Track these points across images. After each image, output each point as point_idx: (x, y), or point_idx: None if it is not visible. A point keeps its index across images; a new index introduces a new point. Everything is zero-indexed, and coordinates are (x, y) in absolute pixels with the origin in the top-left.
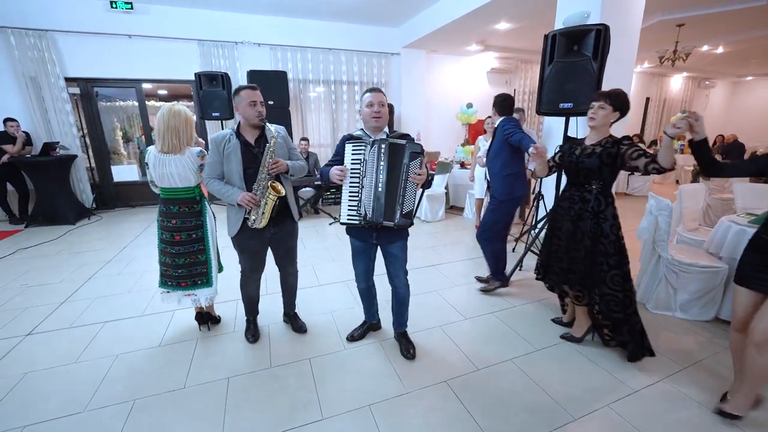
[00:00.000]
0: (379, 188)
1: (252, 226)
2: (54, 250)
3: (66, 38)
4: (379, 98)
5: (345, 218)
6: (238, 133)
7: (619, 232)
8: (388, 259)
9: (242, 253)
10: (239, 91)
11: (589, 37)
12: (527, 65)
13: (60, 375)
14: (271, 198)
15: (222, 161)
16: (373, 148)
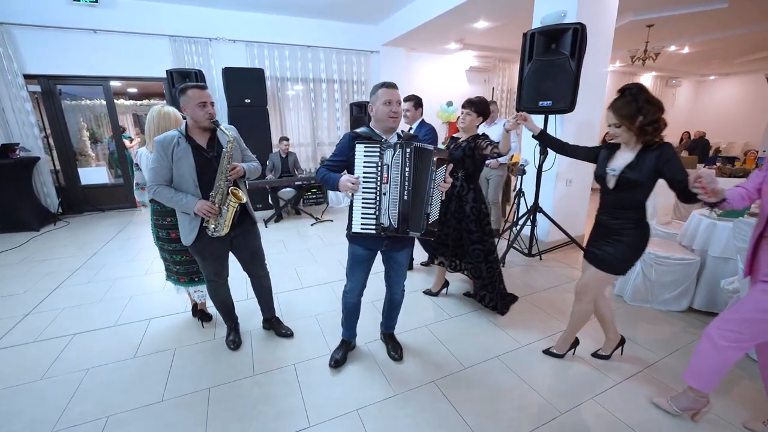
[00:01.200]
0: (405, 196)
1: (213, 234)
2: (17, 259)
3: (24, 32)
4: (397, 96)
5: (358, 228)
6: (187, 136)
7: (480, 213)
8: (391, 265)
9: (204, 260)
10: (185, 90)
11: (567, 36)
12: (505, 64)
13: (26, 392)
14: (233, 205)
15: (170, 166)
16: (397, 153)
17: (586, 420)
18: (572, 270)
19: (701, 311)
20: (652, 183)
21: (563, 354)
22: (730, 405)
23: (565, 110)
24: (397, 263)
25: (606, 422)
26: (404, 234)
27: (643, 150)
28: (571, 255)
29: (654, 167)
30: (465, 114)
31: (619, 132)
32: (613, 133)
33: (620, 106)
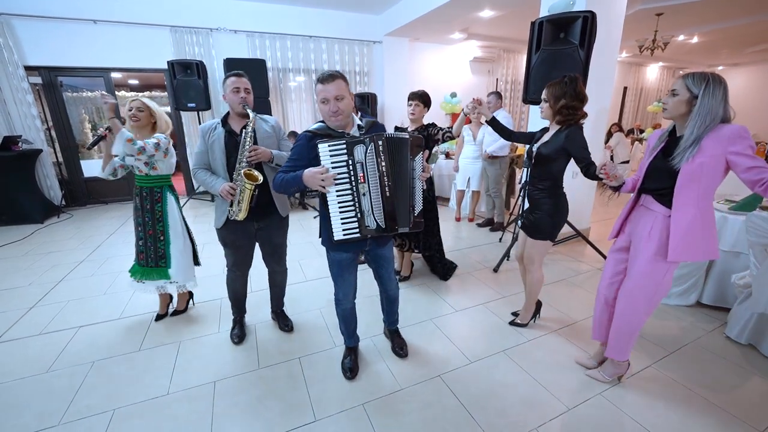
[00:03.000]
0: (387, 193)
1: (231, 217)
2: (21, 252)
3: (24, 23)
4: (333, 91)
5: (341, 235)
6: (224, 122)
7: (430, 194)
8: (379, 262)
9: (225, 246)
10: (226, 78)
11: (576, 25)
12: (510, 54)
13: (32, 385)
14: (248, 186)
15: (207, 151)
16: (370, 147)
17: (593, 415)
18: (578, 263)
19: (710, 306)
20: (563, 158)
21: (526, 323)
22: None
23: None
24: (384, 259)
25: (612, 416)
26: (394, 232)
27: (558, 131)
28: (577, 248)
29: (562, 145)
30: (414, 106)
31: (545, 107)
32: (540, 107)
33: (553, 85)
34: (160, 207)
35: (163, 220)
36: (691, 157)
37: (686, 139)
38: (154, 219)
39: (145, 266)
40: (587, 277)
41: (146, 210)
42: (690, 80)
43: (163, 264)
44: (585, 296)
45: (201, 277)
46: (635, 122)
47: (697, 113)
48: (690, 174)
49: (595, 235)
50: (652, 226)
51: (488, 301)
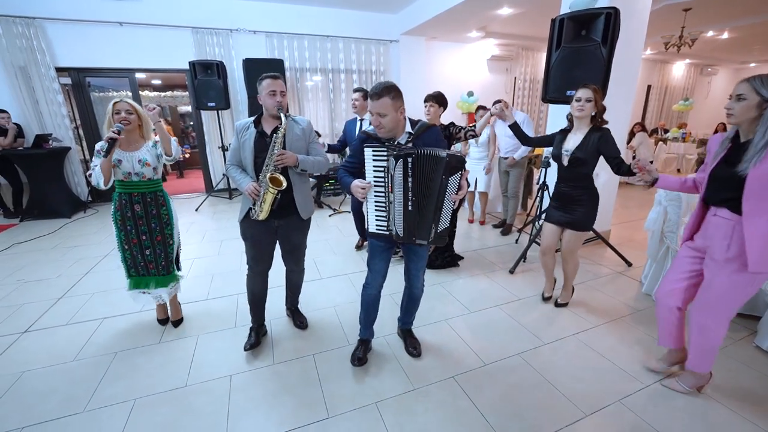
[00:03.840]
0: (409, 207)
1: (253, 217)
2: (50, 245)
3: (55, 26)
4: (376, 108)
5: (373, 228)
6: (258, 122)
7: None
8: (410, 256)
9: (246, 240)
10: (262, 80)
11: (599, 21)
12: (528, 52)
13: (58, 373)
14: (270, 191)
15: (240, 148)
16: (399, 162)
17: (611, 423)
18: (598, 267)
19: (741, 314)
20: (595, 159)
21: (568, 302)
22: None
23: None
24: (416, 254)
25: (631, 424)
26: (411, 242)
27: (589, 133)
28: (597, 251)
29: (596, 147)
30: (429, 106)
31: (588, 107)
32: (581, 106)
33: (598, 91)
34: (166, 210)
35: (170, 223)
36: (759, 163)
37: (756, 144)
38: (161, 224)
39: (157, 275)
40: (607, 280)
41: (152, 216)
42: (758, 83)
43: (173, 268)
44: (605, 300)
45: (220, 272)
46: (659, 122)
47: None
48: (758, 180)
49: (615, 238)
50: (732, 238)
51: (503, 303)
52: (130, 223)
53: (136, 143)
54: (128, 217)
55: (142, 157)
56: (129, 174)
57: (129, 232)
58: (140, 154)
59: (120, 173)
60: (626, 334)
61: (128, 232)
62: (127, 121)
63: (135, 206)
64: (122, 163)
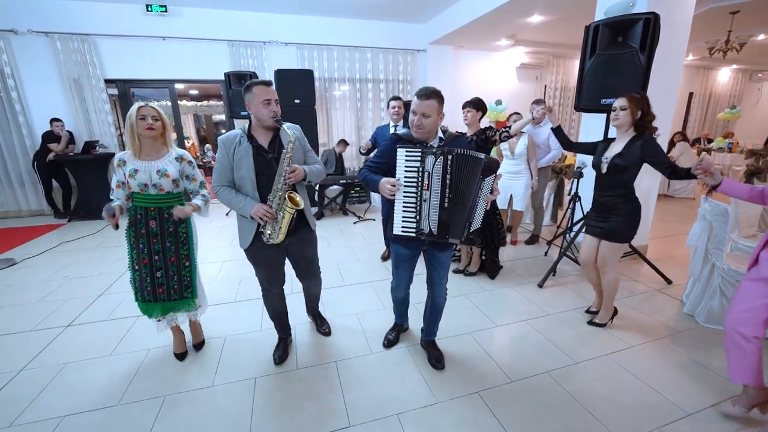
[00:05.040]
0: (446, 204)
1: (268, 242)
2: (93, 244)
3: (106, 41)
4: (422, 108)
5: (399, 230)
6: (249, 135)
7: None
8: (433, 265)
9: (257, 266)
10: (251, 87)
11: (637, 27)
12: (559, 60)
13: (96, 367)
14: (289, 211)
15: (232, 167)
16: (438, 160)
17: None
18: (633, 283)
19: None
20: (637, 167)
21: (605, 323)
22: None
23: None
24: (439, 263)
25: None
26: (444, 240)
27: (632, 141)
28: (632, 266)
29: (639, 155)
30: (467, 112)
31: (622, 115)
32: (616, 115)
33: (634, 99)
34: (185, 228)
35: (188, 243)
36: None
37: None
38: (177, 243)
39: (166, 300)
40: (644, 298)
41: (168, 234)
42: None
43: (189, 294)
44: (641, 319)
45: (247, 276)
46: (702, 131)
47: None
48: None
49: (653, 253)
50: None
51: (531, 318)
52: (143, 241)
53: (157, 152)
54: (142, 234)
55: (162, 167)
56: (145, 186)
57: (141, 251)
58: (160, 163)
59: (135, 185)
60: (666, 357)
61: (140, 251)
62: (152, 128)
63: (150, 222)
64: (138, 173)
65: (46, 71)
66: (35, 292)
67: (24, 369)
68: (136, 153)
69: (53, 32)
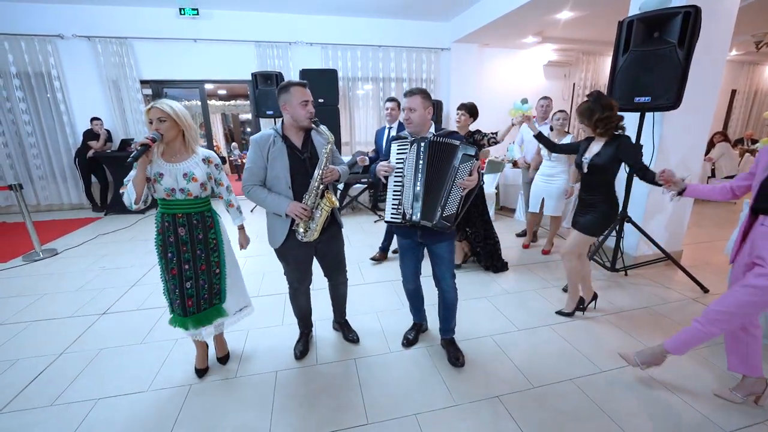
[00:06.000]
0: (417, 187)
1: (303, 239)
2: (127, 237)
3: (141, 44)
4: (408, 103)
5: (389, 217)
6: (283, 136)
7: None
8: (433, 259)
9: (288, 264)
10: (288, 87)
11: (675, 22)
12: (589, 57)
13: (128, 354)
14: (326, 209)
15: (265, 166)
16: (413, 147)
17: None
18: (666, 290)
19: None
20: (616, 166)
21: (572, 312)
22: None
23: (668, 107)
24: (438, 256)
25: None
26: (416, 223)
27: (607, 142)
28: (665, 273)
29: (614, 155)
30: (460, 115)
31: (584, 127)
32: (584, 129)
33: (580, 108)
34: (214, 234)
35: (218, 249)
36: None
37: None
38: (207, 250)
39: (196, 312)
40: (677, 306)
41: (197, 241)
42: None
43: (218, 300)
44: (674, 329)
45: (270, 271)
46: (746, 131)
47: None
48: None
49: (688, 260)
50: None
51: (556, 323)
52: (171, 250)
53: (179, 154)
54: (170, 243)
55: (189, 171)
56: (172, 190)
57: (170, 261)
58: (186, 166)
59: (162, 190)
60: (701, 369)
61: (169, 261)
62: (158, 131)
63: (179, 229)
64: (164, 177)
65: (87, 73)
66: (74, 280)
67: (64, 353)
68: (159, 153)
69: (95, 36)
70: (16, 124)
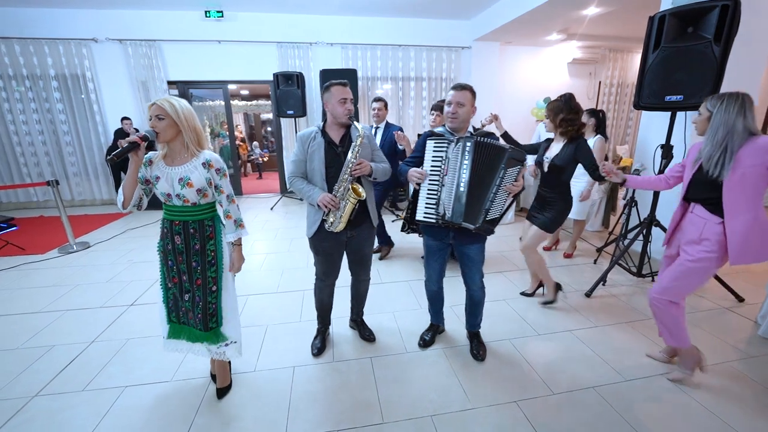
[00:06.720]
0: (461, 188)
1: (329, 229)
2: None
3: (169, 46)
4: (457, 97)
5: (421, 216)
6: (323, 131)
7: None
8: (464, 260)
9: (317, 254)
10: (330, 87)
11: (711, 16)
12: (617, 54)
13: (154, 344)
14: (352, 201)
15: (306, 160)
16: (457, 146)
17: None
18: (697, 298)
19: None
20: (573, 167)
21: (553, 299)
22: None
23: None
24: (468, 258)
25: None
26: (457, 224)
27: (567, 143)
28: None
29: (572, 156)
30: (436, 116)
31: (548, 122)
32: (545, 122)
33: (552, 102)
34: (213, 245)
35: (216, 263)
36: (731, 170)
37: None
38: (203, 263)
39: (194, 327)
40: (709, 316)
41: (193, 252)
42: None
43: (214, 324)
44: (705, 339)
45: (289, 268)
46: None
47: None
48: (733, 185)
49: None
50: (702, 231)
51: (577, 329)
52: (171, 258)
53: (180, 157)
54: (169, 251)
55: (185, 175)
56: (168, 196)
57: (170, 269)
58: (183, 170)
59: (158, 194)
60: (734, 383)
61: (169, 269)
62: (154, 129)
63: (175, 237)
64: (160, 181)
65: (118, 74)
66: (104, 272)
67: (94, 341)
68: (162, 155)
69: (126, 39)
70: (54, 124)
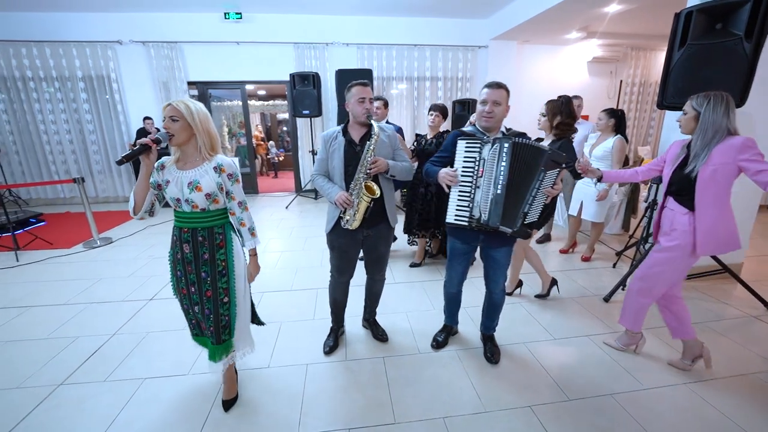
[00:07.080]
0: (498, 190)
1: (344, 226)
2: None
3: (189, 47)
4: (493, 96)
5: (452, 218)
6: (345, 131)
7: None
8: (489, 263)
9: (332, 250)
10: (351, 87)
11: (742, 12)
12: (639, 53)
13: (172, 338)
14: (365, 199)
15: (327, 158)
16: (494, 147)
17: None
18: (723, 306)
19: None
20: None
21: (547, 292)
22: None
23: None
24: (495, 261)
25: None
26: (494, 227)
27: (552, 143)
28: (721, 287)
29: None
30: (434, 116)
31: (543, 120)
32: (538, 119)
33: (551, 102)
34: (224, 254)
35: (227, 274)
36: (703, 165)
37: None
38: (213, 273)
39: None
40: (736, 324)
41: (203, 262)
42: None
43: (227, 336)
44: (730, 348)
45: (303, 267)
46: None
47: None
48: (704, 180)
49: (750, 274)
50: (672, 222)
51: (595, 334)
52: (180, 267)
53: (192, 160)
54: (178, 259)
55: (194, 179)
56: (177, 201)
57: (179, 279)
58: (193, 174)
59: (169, 199)
60: (759, 394)
61: (179, 279)
62: (167, 130)
63: (184, 246)
64: (170, 185)
65: (141, 75)
66: (126, 267)
67: (116, 334)
68: (175, 159)
69: (149, 41)
70: (80, 123)
